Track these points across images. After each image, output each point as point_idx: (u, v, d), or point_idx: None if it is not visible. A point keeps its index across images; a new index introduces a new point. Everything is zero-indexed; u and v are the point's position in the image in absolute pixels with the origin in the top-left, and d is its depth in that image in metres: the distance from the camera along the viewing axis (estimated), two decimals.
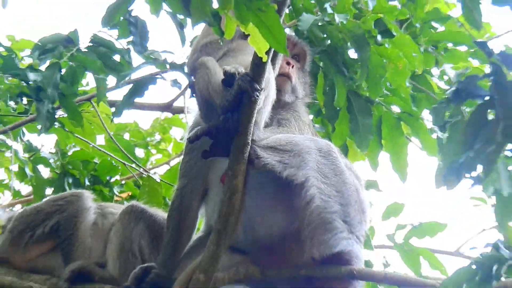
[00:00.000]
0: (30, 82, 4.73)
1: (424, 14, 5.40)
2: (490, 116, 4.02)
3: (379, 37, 4.97)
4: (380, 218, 6.17)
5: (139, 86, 4.74)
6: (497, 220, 4.04)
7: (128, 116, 7.35)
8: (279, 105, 4.68)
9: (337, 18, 4.83)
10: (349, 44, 5.03)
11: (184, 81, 4.99)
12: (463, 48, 5.80)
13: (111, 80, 5.01)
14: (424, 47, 5.34)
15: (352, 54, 5.16)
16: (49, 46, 4.85)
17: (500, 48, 4.72)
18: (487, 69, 4.87)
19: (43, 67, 4.93)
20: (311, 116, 5.48)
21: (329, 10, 4.86)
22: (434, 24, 5.56)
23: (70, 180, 6.16)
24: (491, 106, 3.90)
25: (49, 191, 6.35)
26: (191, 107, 4.89)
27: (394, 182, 5.38)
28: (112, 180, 6.31)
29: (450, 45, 5.69)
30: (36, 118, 4.84)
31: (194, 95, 4.51)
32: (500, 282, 3.96)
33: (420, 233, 5.94)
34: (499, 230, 4.13)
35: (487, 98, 3.91)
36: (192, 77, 4.57)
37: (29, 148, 6.14)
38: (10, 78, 4.90)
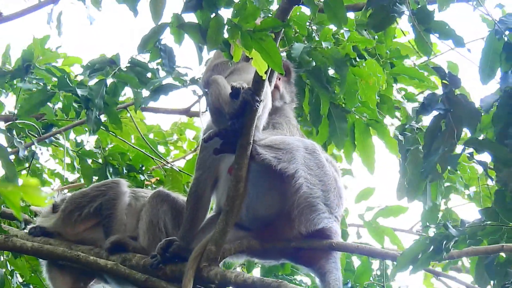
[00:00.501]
0: (80, 94, 4.94)
1: (387, 53, 5.67)
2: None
3: (356, 59, 5.21)
4: (353, 201, 6.44)
5: (165, 88, 5.03)
6: (422, 224, 4.53)
7: (153, 120, 7.70)
8: (273, 111, 4.91)
9: (324, 44, 5.06)
10: (329, 65, 5.25)
11: (199, 91, 5.46)
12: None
13: (145, 93, 5.23)
14: (386, 78, 5.56)
15: (331, 73, 5.40)
16: (97, 66, 5.09)
17: (443, 64, 5.22)
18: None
19: (91, 82, 5.16)
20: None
21: (317, 38, 5.10)
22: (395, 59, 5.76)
23: (111, 169, 6.39)
24: (444, 117, 4.23)
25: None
26: (205, 113, 5.05)
27: (365, 175, 5.90)
28: (144, 168, 6.55)
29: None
30: (86, 123, 5.07)
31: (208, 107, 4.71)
32: (448, 254, 4.29)
33: (386, 214, 6.23)
34: (423, 231, 4.62)
35: (444, 110, 4.20)
36: (206, 90, 4.82)
37: (76, 144, 6.40)
38: (62, 92, 5.34)
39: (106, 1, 5.01)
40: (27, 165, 6.18)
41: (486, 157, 4.46)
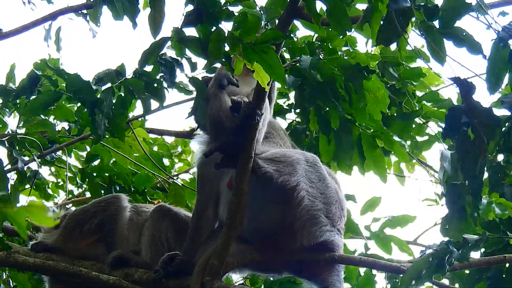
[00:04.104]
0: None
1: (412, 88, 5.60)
2: None
3: (366, 72, 5.05)
4: (359, 213, 6.27)
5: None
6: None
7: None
8: None
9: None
10: (340, 76, 5.11)
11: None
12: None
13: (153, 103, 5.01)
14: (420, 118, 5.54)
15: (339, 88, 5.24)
16: (104, 79, 4.84)
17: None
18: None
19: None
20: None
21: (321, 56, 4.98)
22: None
23: (118, 188, 6.26)
24: (469, 127, 3.95)
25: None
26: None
27: (369, 191, 5.74)
28: (146, 190, 6.42)
29: None
30: (91, 130, 4.84)
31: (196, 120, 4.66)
32: (452, 266, 4.20)
33: (393, 225, 6.08)
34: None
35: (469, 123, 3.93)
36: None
37: (86, 160, 6.29)
38: (68, 106, 5.19)
39: (106, 15, 4.76)
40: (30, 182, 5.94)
41: None
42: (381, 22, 4.11)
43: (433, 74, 5.71)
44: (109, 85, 4.86)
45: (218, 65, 4.33)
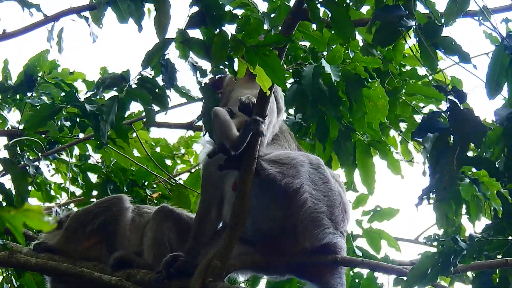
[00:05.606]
0: (89, 110, 4.84)
1: (396, 68, 5.55)
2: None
3: (368, 79, 5.08)
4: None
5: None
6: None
7: (159, 134, 7.52)
8: None
9: (333, 77, 4.92)
10: (340, 86, 5.12)
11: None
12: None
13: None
14: (403, 99, 5.54)
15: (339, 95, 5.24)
16: (108, 82, 4.87)
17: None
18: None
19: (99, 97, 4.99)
20: None
21: (326, 66, 4.96)
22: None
23: (112, 186, 6.20)
24: (450, 134, 4.10)
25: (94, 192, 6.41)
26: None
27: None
28: (147, 183, 6.42)
29: None
30: (96, 137, 4.86)
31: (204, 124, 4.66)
32: (456, 267, 4.19)
33: (380, 217, 6.09)
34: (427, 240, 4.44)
35: (446, 129, 4.07)
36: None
37: (80, 157, 6.32)
38: (69, 107, 5.19)
39: (108, 16, 4.76)
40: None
41: None
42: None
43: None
44: (113, 93, 4.86)
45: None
